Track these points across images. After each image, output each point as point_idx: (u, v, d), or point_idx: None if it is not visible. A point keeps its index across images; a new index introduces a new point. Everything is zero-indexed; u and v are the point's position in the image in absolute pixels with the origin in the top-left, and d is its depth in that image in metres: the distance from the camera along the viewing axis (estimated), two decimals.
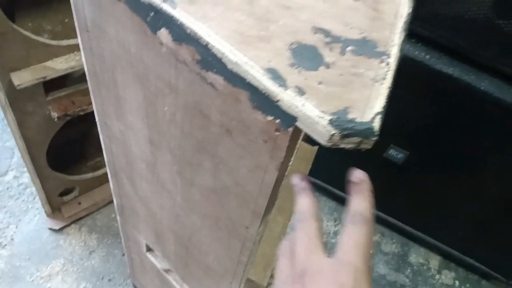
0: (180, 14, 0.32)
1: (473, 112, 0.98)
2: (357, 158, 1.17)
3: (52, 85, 0.91)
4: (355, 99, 0.29)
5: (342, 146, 0.28)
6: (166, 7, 0.33)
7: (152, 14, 0.34)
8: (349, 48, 0.33)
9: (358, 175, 0.37)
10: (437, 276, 1.34)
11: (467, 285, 1.34)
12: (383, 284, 1.28)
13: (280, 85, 0.29)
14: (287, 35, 0.33)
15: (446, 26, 0.89)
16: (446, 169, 1.14)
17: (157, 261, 0.80)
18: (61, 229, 1.21)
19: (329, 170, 1.25)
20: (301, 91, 0.29)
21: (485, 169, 1.07)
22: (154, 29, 0.35)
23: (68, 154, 1.20)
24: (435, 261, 1.37)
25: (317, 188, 1.43)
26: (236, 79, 0.31)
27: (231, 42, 0.31)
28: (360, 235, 0.32)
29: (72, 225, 1.22)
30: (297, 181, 0.38)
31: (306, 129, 0.28)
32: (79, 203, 1.23)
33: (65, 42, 0.85)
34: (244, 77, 0.30)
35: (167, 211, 0.59)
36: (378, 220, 1.40)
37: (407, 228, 1.36)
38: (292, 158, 0.32)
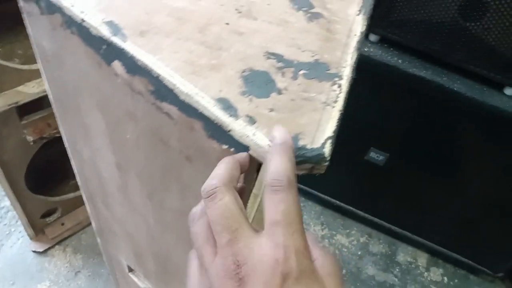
0: (130, 47, 0.32)
1: (448, 112, 0.99)
2: (339, 161, 1.18)
3: (27, 108, 0.90)
4: (306, 123, 0.30)
5: (297, 171, 0.28)
6: (116, 41, 0.33)
7: (104, 47, 0.34)
8: (301, 72, 0.33)
9: (280, 135, 0.27)
10: (426, 274, 1.35)
11: (455, 281, 1.35)
12: (373, 285, 1.29)
13: (231, 115, 0.29)
14: (239, 62, 0.33)
15: (416, 30, 0.91)
16: (426, 169, 1.15)
17: (140, 281, 0.79)
18: (45, 251, 1.19)
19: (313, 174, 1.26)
20: (252, 120, 0.29)
21: (463, 167, 1.09)
22: (108, 61, 0.35)
23: (48, 175, 1.18)
24: (423, 258, 1.39)
25: (302, 193, 1.44)
26: (189, 109, 0.31)
27: (182, 73, 0.31)
28: (285, 201, 0.25)
29: (57, 246, 1.21)
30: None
31: (259, 157, 0.29)
32: (63, 224, 1.22)
33: (36, 66, 0.84)
34: (196, 108, 0.30)
35: (143, 232, 0.59)
36: (365, 221, 1.41)
37: (394, 228, 1.37)
38: (255, 182, 0.32)
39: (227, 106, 0.30)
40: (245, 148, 0.29)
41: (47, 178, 1.17)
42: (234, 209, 0.25)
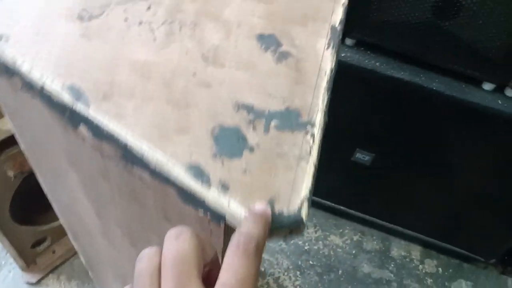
0: (94, 113, 0.31)
1: (429, 111, 0.99)
2: (327, 164, 1.17)
3: (5, 143, 0.88)
4: (280, 186, 0.29)
5: (273, 238, 0.28)
6: (79, 107, 0.32)
7: (67, 113, 0.33)
8: (273, 123, 0.33)
9: (259, 207, 0.27)
10: (420, 266, 1.37)
11: (450, 270, 1.37)
12: (369, 283, 1.30)
13: (203, 183, 0.28)
14: (209, 119, 0.32)
15: (392, 32, 0.90)
16: (412, 166, 1.16)
17: None
18: (38, 282, 1.17)
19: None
20: (225, 187, 0.28)
21: (448, 161, 1.10)
22: (74, 125, 0.34)
23: (34, 205, 1.16)
24: (416, 252, 1.40)
25: None
26: (161, 177, 0.30)
27: (150, 140, 0.30)
28: (246, 268, 0.23)
29: (50, 275, 1.19)
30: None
31: (235, 225, 0.28)
32: (54, 252, 1.20)
33: None
34: (168, 176, 0.29)
35: (131, 271, 0.58)
36: (357, 220, 1.42)
37: (386, 224, 1.38)
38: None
39: (198, 172, 0.29)
40: (221, 216, 0.28)
41: (33, 208, 1.15)
42: (192, 257, 0.24)
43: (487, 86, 0.93)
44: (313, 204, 1.44)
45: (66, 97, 0.32)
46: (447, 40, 0.88)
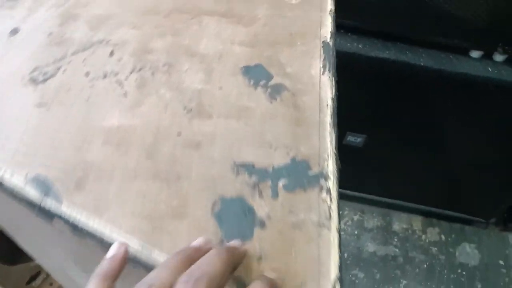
0: (68, 209, 0.26)
1: (418, 87, 0.96)
2: None
3: None
4: (304, 268, 0.24)
5: None
6: (49, 203, 0.26)
7: (36, 210, 0.27)
8: (280, 183, 0.28)
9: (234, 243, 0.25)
10: (423, 236, 1.36)
11: (452, 236, 1.37)
12: (376, 261, 1.29)
13: None
14: (206, 191, 0.27)
15: (372, 12, 0.85)
16: (405, 142, 1.13)
17: None
18: None
19: None
20: (241, 285, 0.24)
21: (441, 134, 1.07)
22: (48, 219, 0.28)
23: None
24: (418, 222, 1.40)
25: None
26: None
27: (141, 234, 0.25)
28: None
29: None
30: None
31: None
32: (51, 284, 1.15)
33: None
34: None
35: None
36: (355, 199, 1.40)
37: (384, 199, 1.37)
38: None
39: None
40: None
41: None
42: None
43: (475, 54, 0.89)
44: None
45: (32, 193, 0.26)
46: (430, 12, 0.83)
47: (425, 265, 1.30)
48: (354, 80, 0.98)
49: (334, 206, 0.27)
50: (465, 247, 1.36)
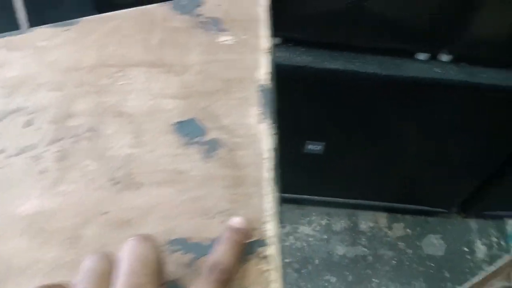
0: None
1: (370, 93, 0.97)
2: (282, 159, 1.11)
3: None
4: None
5: None
6: None
7: None
8: None
9: (237, 222, 0.27)
10: (390, 233, 1.39)
11: (418, 229, 1.41)
12: (346, 264, 1.30)
13: None
14: None
15: (316, 24, 0.85)
16: (364, 145, 1.14)
17: None
18: None
19: None
20: None
21: (397, 134, 1.09)
22: None
23: None
24: (383, 219, 1.42)
25: None
26: None
27: None
28: None
29: None
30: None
31: None
32: None
33: None
34: None
35: None
36: (321, 204, 1.40)
37: (348, 200, 1.38)
38: None
39: None
40: None
41: None
42: (155, 268, 0.21)
43: (422, 56, 0.91)
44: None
45: None
46: (372, 19, 0.84)
47: (394, 261, 1.32)
48: (308, 91, 0.98)
49: (276, 276, 0.26)
50: (431, 238, 1.40)
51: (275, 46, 0.90)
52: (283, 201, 1.15)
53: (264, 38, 0.37)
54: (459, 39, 0.87)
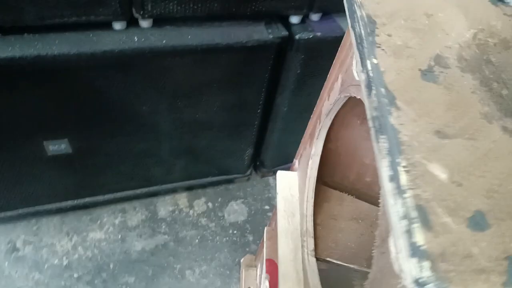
0: None
1: (76, 77, 0.85)
2: (27, 173, 0.98)
3: None
4: None
5: None
6: None
7: None
8: None
9: None
10: (191, 212, 1.34)
11: (219, 199, 1.38)
12: (145, 258, 1.22)
13: None
14: None
15: None
16: (116, 130, 1.03)
17: None
18: None
19: (30, 191, 1.06)
20: None
21: (144, 112, 1.00)
22: None
23: None
24: (183, 199, 1.36)
25: (33, 215, 1.22)
26: None
27: None
28: None
29: None
30: None
31: None
32: None
33: None
34: None
35: None
36: (112, 201, 1.28)
37: (139, 191, 1.28)
38: None
39: None
40: None
41: None
42: None
43: (118, 26, 0.82)
44: (57, 211, 1.24)
45: None
46: None
47: (197, 240, 1.28)
48: (5, 90, 0.82)
49: None
50: (233, 205, 1.38)
51: None
52: (64, 211, 0.97)
53: None
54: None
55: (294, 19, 0.95)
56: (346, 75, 0.51)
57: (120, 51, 0.80)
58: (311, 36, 0.92)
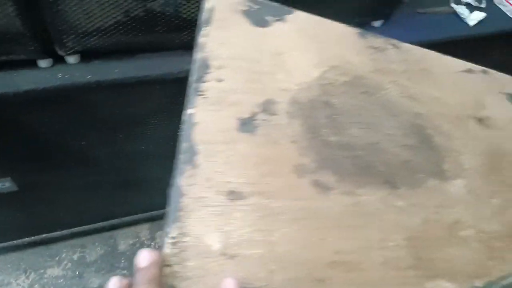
0: None
1: (15, 113, 0.84)
2: None
3: None
4: None
5: None
6: None
7: None
8: None
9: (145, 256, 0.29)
10: (153, 244, 1.31)
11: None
12: None
13: None
14: None
15: None
16: (56, 165, 1.02)
17: None
18: None
19: None
20: None
21: (79, 149, 0.98)
22: None
23: None
24: (145, 231, 1.33)
25: None
26: None
27: None
28: None
29: None
30: None
31: None
32: None
33: None
34: None
35: None
36: (72, 236, 1.26)
37: (97, 225, 1.26)
38: None
39: None
40: None
41: None
42: None
43: (43, 64, 0.81)
44: (13, 248, 1.22)
45: None
46: None
47: None
48: None
49: None
50: None
51: None
52: (23, 247, 0.94)
53: None
54: (72, 36, 0.79)
55: None
56: None
57: (42, 90, 0.79)
58: None
